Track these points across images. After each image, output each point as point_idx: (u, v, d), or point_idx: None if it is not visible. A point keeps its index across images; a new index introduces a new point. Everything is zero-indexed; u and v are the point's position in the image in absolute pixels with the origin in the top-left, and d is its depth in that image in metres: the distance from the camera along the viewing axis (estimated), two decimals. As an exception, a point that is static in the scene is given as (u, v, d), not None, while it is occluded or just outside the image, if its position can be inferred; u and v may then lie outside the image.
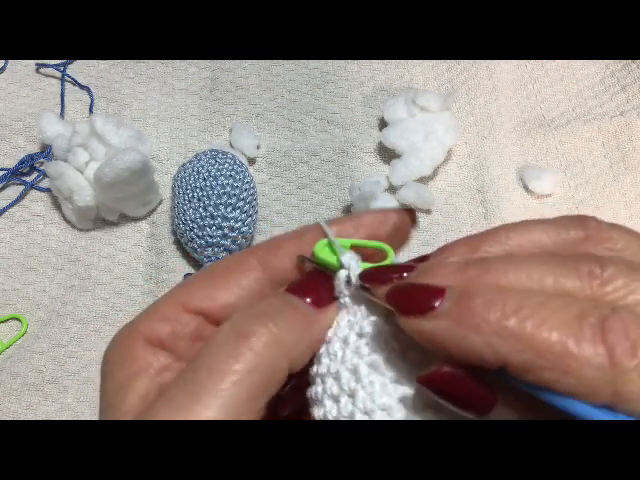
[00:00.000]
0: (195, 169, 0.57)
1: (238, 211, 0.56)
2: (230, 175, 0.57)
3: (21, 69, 0.69)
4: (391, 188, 0.62)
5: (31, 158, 0.64)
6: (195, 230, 0.56)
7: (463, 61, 0.69)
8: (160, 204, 0.63)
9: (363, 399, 0.22)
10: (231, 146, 0.65)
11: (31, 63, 0.69)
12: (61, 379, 0.56)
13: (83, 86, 0.68)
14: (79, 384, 0.55)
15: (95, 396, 0.55)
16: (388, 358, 0.23)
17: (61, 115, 0.67)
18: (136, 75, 0.69)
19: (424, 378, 0.21)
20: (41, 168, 0.64)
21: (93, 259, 0.60)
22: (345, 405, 0.23)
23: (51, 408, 0.55)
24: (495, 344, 0.19)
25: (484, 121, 0.66)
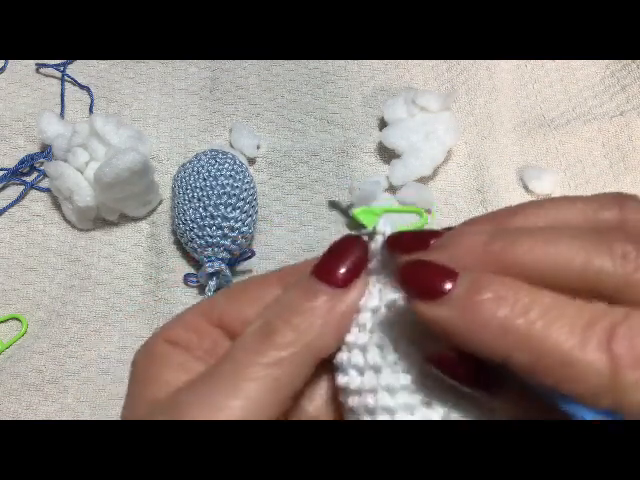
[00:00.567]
0: (195, 169, 0.57)
1: (238, 211, 0.56)
2: (230, 175, 0.57)
3: (21, 69, 0.69)
4: (391, 188, 0.62)
5: (31, 158, 0.64)
6: (195, 230, 0.56)
7: (463, 61, 0.69)
8: (160, 204, 0.63)
9: (387, 377, 0.22)
10: (231, 146, 0.65)
11: (31, 63, 0.69)
12: (61, 379, 0.56)
13: (83, 86, 0.68)
14: (79, 384, 0.55)
15: (95, 396, 0.55)
16: (412, 335, 0.23)
17: (61, 115, 0.67)
18: (136, 75, 0.69)
19: (431, 357, 0.21)
20: (41, 168, 0.64)
21: (93, 259, 0.60)
22: (369, 380, 0.23)
23: (51, 408, 0.55)
24: (500, 342, 0.19)
25: (484, 121, 0.66)
